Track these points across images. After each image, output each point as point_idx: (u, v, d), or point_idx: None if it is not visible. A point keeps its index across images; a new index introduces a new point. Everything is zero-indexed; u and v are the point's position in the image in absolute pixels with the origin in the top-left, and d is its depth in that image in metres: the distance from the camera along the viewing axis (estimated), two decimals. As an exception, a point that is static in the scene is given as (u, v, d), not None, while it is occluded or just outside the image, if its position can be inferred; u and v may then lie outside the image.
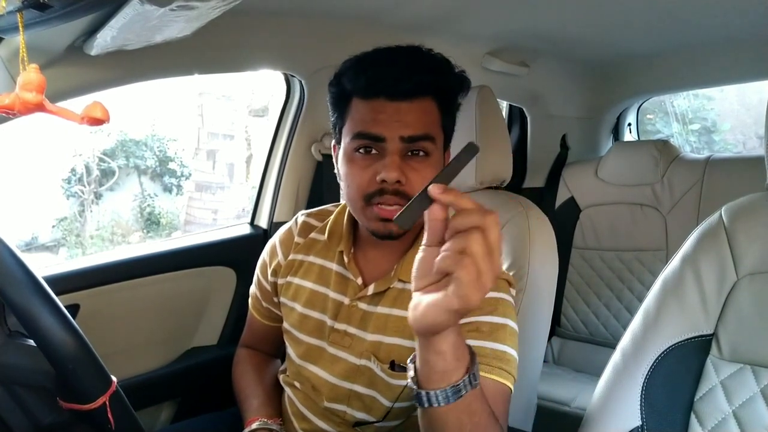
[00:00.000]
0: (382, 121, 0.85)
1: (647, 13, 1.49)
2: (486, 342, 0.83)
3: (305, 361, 0.98)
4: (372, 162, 0.86)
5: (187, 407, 1.46)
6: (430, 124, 0.88)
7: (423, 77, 0.86)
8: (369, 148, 0.87)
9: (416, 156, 0.86)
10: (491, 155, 1.23)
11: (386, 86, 0.85)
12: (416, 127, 0.85)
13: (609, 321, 2.00)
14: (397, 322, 0.91)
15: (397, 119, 0.85)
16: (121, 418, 0.78)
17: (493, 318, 0.85)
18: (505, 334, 0.84)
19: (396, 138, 0.85)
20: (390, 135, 0.85)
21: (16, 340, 0.80)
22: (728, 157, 2.00)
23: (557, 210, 2.13)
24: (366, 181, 0.87)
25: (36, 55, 0.77)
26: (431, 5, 1.37)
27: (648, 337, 0.83)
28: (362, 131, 0.86)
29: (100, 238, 5.38)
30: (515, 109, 2.18)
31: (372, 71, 0.86)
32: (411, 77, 0.85)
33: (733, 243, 0.81)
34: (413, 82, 0.85)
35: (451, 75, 0.90)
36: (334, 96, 0.92)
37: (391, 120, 0.85)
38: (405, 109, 0.85)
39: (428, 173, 0.87)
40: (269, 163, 1.60)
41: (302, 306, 1.00)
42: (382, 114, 0.85)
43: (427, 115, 0.87)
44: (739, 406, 0.76)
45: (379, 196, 0.86)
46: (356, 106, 0.88)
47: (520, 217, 1.18)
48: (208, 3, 0.74)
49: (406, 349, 0.89)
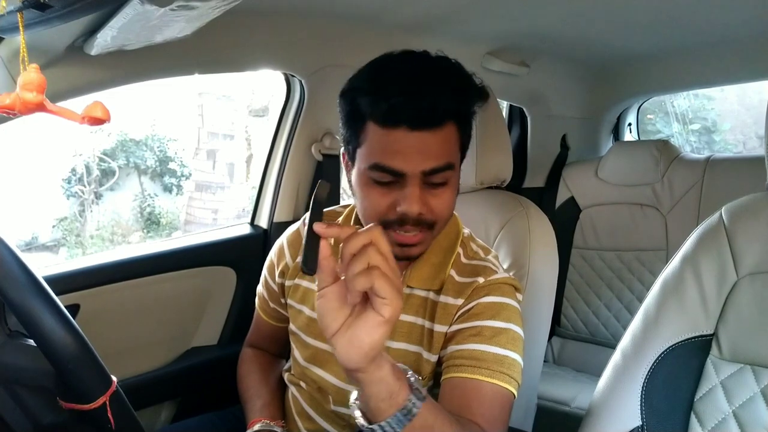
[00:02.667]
0: (404, 154, 0.80)
1: (647, 13, 1.49)
2: (487, 346, 0.83)
3: (312, 364, 0.98)
4: (391, 191, 0.83)
5: (187, 407, 1.46)
6: (451, 152, 0.84)
7: (448, 105, 0.80)
8: (388, 181, 0.83)
9: (437, 185, 0.83)
10: (491, 155, 1.23)
11: (409, 117, 0.79)
12: (438, 158, 0.81)
13: (609, 321, 2.00)
14: (403, 327, 0.91)
15: (420, 151, 0.80)
16: (121, 418, 0.78)
17: (496, 323, 0.85)
18: (508, 338, 0.84)
19: (417, 173, 0.80)
20: (411, 170, 0.80)
21: (16, 340, 0.80)
22: (728, 157, 2.00)
23: (557, 210, 2.13)
24: (384, 209, 0.84)
25: (36, 55, 0.78)
26: (431, 5, 1.37)
27: (648, 337, 0.83)
28: (380, 163, 0.81)
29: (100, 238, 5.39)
30: (515, 109, 2.18)
31: (394, 99, 0.78)
32: (437, 107, 0.79)
33: (734, 243, 0.81)
34: (439, 112, 0.79)
35: (472, 96, 0.85)
36: (347, 113, 0.85)
37: (412, 152, 0.80)
38: (427, 140, 0.80)
39: (450, 198, 0.86)
40: (269, 163, 1.60)
41: (310, 309, 0.99)
42: (403, 146, 0.79)
43: (448, 144, 0.83)
44: (739, 406, 0.76)
45: (399, 225, 0.84)
46: (373, 132, 0.81)
47: (520, 217, 1.18)
48: (208, 3, 0.74)
49: (412, 354, 0.90)
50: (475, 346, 0.82)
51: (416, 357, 0.90)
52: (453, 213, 0.95)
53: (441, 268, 0.92)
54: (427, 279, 0.91)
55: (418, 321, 0.91)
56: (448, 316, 0.88)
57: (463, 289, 0.89)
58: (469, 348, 0.83)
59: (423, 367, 0.89)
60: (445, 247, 0.93)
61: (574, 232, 2.10)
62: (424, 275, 0.91)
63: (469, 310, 0.87)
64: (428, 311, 0.91)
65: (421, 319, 0.91)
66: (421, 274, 0.91)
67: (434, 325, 0.89)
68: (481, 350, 0.82)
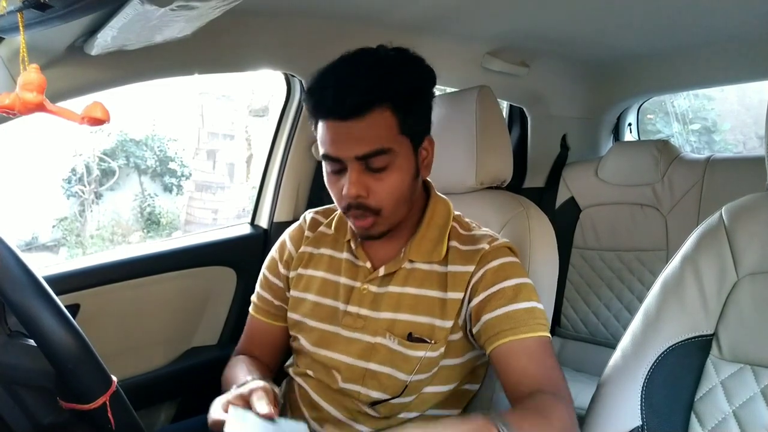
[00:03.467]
0: (338, 142, 0.88)
1: (647, 13, 1.49)
2: (515, 305, 0.89)
3: (319, 348, 0.99)
4: (340, 178, 0.91)
5: (187, 407, 1.46)
6: (385, 137, 0.88)
7: (367, 92, 0.85)
8: (337, 169, 0.91)
9: (377, 170, 0.89)
10: (491, 155, 1.23)
11: (334, 108, 0.86)
12: (369, 143, 0.87)
13: (609, 321, 2.00)
14: (410, 299, 0.96)
15: (350, 138, 0.87)
16: (121, 418, 0.78)
17: (511, 281, 0.91)
18: (528, 291, 0.91)
19: (352, 158, 0.88)
20: (346, 155, 0.88)
21: (17, 340, 0.80)
22: (728, 157, 2.00)
23: (557, 210, 2.13)
24: (338, 196, 0.93)
25: (36, 55, 0.77)
26: (431, 5, 1.37)
27: (648, 337, 0.83)
28: (325, 153, 0.91)
29: (100, 238, 5.39)
30: (515, 109, 2.18)
31: (318, 94, 0.88)
32: (352, 97, 0.85)
33: (734, 243, 0.81)
34: (356, 101, 0.85)
35: (404, 77, 0.89)
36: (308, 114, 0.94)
37: (344, 140, 0.87)
38: (357, 127, 0.86)
39: (393, 181, 0.90)
40: (269, 163, 1.60)
41: (314, 294, 1.02)
42: (336, 135, 0.88)
43: (380, 129, 0.87)
44: (740, 406, 0.76)
45: (348, 210, 0.92)
46: (320, 126, 0.91)
47: (520, 217, 1.17)
48: (208, 3, 0.74)
49: (419, 325, 0.94)
50: (505, 309, 0.89)
51: (428, 326, 0.94)
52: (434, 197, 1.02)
53: (439, 241, 0.98)
54: (427, 252, 0.98)
55: (424, 292, 0.96)
56: (462, 283, 0.94)
57: (471, 256, 0.95)
58: (500, 313, 0.89)
59: (436, 333, 0.93)
60: (440, 224, 1.00)
61: (574, 232, 2.09)
62: (423, 249, 0.98)
63: (483, 277, 0.93)
64: (436, 282, 0.96)
65: (427, 290, 0.96)
66: (421, 248, 0.98)
67: (447, 293, 0.94)
68: (513, 310, 0.88)
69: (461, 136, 1.21)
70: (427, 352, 0.93)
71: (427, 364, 0.93)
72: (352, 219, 0.94)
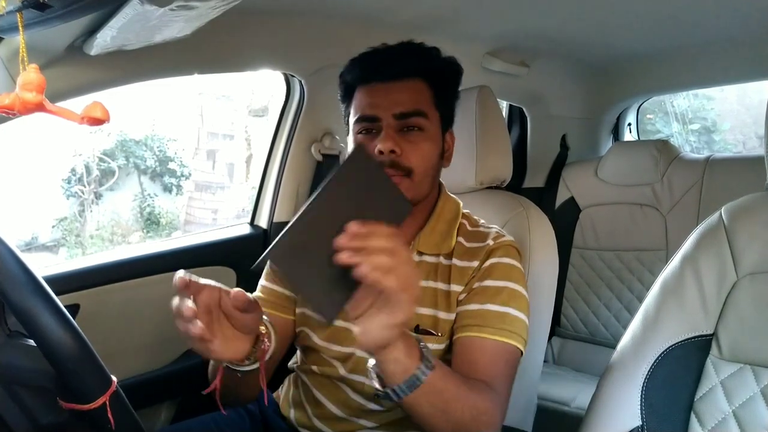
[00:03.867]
0: (376, 103, 0.95)
1: (647, 13, 1.49)
2: (490, 305, 0.91)
3: (330, 342, 0.99)
4: (372, 138, 0.95)
5: (187, 407, 1.46)
6: (422, 102, 0.96)
7: (410, 60, 0.97)
8: (370, 129, 0.96)
9: (412, 131, 0.95)
10: (491, 155, 1.23)
11: (378, 70, 0.96)
12: (407, 104, 0.94)
13: (609, 321, 2.00)
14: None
15: (390, 98, 0.94)
16: (121, 418, 0.78)
17: (499, 282, 0.93)
18: (510, 296, 0.92)
19: (389, 116, 0.94)
20: (383, 114, 0.94)
21: (16, 340, 0.80)
22: (728, 157, 2.00)
23: (557, 210, 2.13)
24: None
25: (36, 55, 0.77)
26: (431, 5, 1.37)
27: (648, 337, 0.83)
28: (361, 115, 0.97)
29: (100, 238, 5.38)
30: (515, 109, 2.18)
31: (366, 60, 0.99)
32: (399, 60, 0.96)
33: (733, 243, 0.81)
34: (401, 64, 0.96)
35: (440, 60, 1.00)
36: (342, 92, 1.03)
37: (383, 100, 0.95)
38: (396, 88, 0.95)
39: (425, 147, 0.96)
40: (269, 163, 1.60)
41: None
42: (375, 97, 0.95)
43: (417, 94, 0.96)
44: (739, 406, 0.76)
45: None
46: (357, 95, 0.99)
47: (520, 217, 1.18)
48: (208, 3, 0.74)
49: (425, 317, 0.96)
50: (480, 306, 0.91)
51: (432, 318, 0.96)
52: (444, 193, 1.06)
53: (448, 235, 1.01)
54: (436, 245, 1.00)
55: (430, 284, 0.98)
56: (465, 277, 0.96)
57: (477, 252, 0.98)
58: (474, 308, 0.91)
59: (440, 326, 0.95)
60: (449, 219, 1.03)
61: (574, 232, 2.09)
62: (432, 242, 1.00)
63: (479, 270, 0.96)
64: (440, 274, 0.98)
65: (432, 282, 0.98)
66: (430, 241, 1.00)
67: (450, 285, 0.97)
68: (486, 310, 0.91)
69: (461, 136, 1.21)
70: (434, 345, 0.93)
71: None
72: None
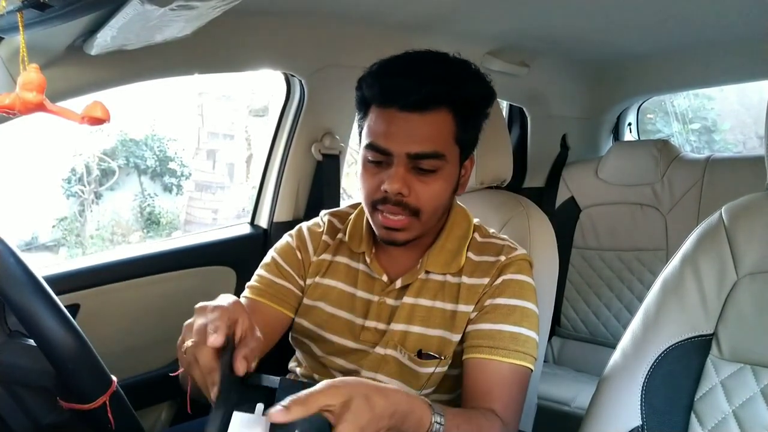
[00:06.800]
0: (392, 134, 0.85)
1: (647, 13, 1.49)
2: (503, 325, 0.88)
3: (334, 356, 0.98)
4: (380, 171, 0.88)
5: (187, 407, 1.46)
6: (441, 141, 0.86)
7: (436, 88, 0.84)
8: (380, 162, 0.88)
9: (424, 172, 0.87)
10: (491, 155, 1.23)
11: (398, 96, 0.84)
12: (424, 143, 0.85)
13: (609, 321, 2.00)
14: (422, 311, 0.94)
15: (407, 132, 0.84)
16: (121, 418, 0.78)
17: (511, 300, 0.90)
18: (522, 316, 0.89)
19: (402, 154, 0.85)
20: (397, 150, 0.85)
21: (16, 339, 0.80)
22: (728, 156, 2.00)
23: (557, 210, 2.13)
24: (373, 189, 0.88)
25: (36, 54, 0.77)
26: (431, 5, 1.37)
27: (648, 337, 0.83)
28: (373, 143, 0.87)
29: (100, 238, 5.38)
30: (515, 109, 2.18)
31: (387, 80, 0.86)
32: (422, 88, 0.83)
33: (733, 243, 0.81)
34: (424, 93, 0.83)
35: (470, 86, 0.89)
36: (357, 100, 0.93)
37: (400, 133, 0.85)
38: (415, 121, 0.84)
39: (437, 187, 0.88)
40: (269, 163, 1.60)
41: (330, 305, 0.99)
42: (392, 126, 0.85)
43: (438, 130, 0.86)
44: (739, 406, 0.76)
45: (383, 204, 0.88)
46: (372, 114, 0.88)
47: (520, 217, 1.18)
48: (208, 3, 0.74)
49: (431, 338, 0.93)
50: (493, 326, 0.88)
51: (439, 340, 0.93)
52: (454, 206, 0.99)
53: (458, 253, 0.96)
54: (445, 264, 0.95)
55: (437, 304, 0.94)
56: (474, 296, 0.92)
57: (488, 268, 0.93)
58: (486, 328, 0.88)
59: (446, 348, 0.92)
60: (459, 235, 0.98)
61: (574, 232, 2.09)
62: (441, 261, 0.95)
63: (491, 287, 0.92)
64: (447, 293, 0.94)
65: (440, 302, 0.94)
66: (439, 260, 0.95)
67: (458, 305, 0.93)
68: (498, 330, 0.88)
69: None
70: (437, 368, 0.92)
71: (436, 379, 0.93)
72: (381, 215, 0.88)
